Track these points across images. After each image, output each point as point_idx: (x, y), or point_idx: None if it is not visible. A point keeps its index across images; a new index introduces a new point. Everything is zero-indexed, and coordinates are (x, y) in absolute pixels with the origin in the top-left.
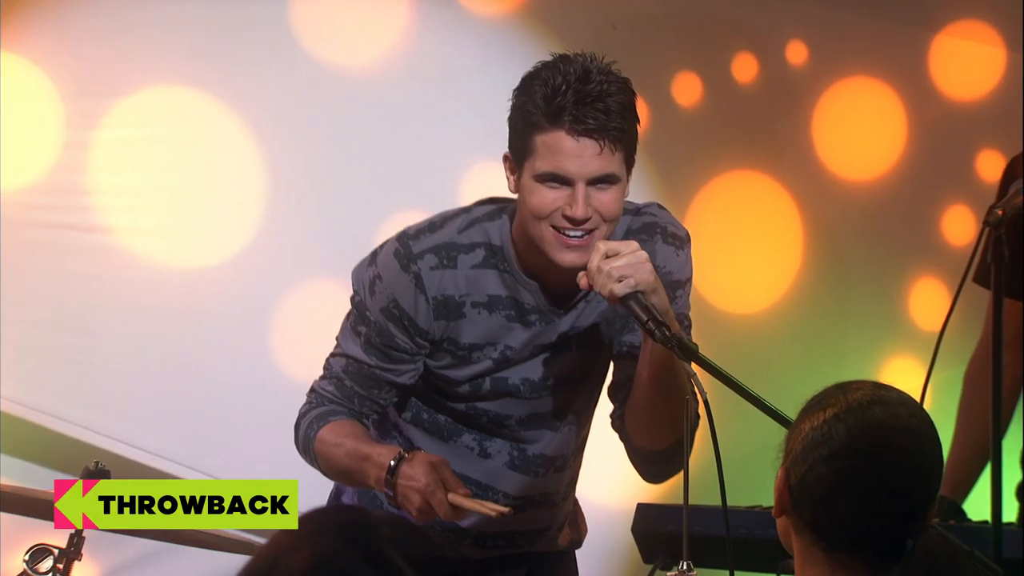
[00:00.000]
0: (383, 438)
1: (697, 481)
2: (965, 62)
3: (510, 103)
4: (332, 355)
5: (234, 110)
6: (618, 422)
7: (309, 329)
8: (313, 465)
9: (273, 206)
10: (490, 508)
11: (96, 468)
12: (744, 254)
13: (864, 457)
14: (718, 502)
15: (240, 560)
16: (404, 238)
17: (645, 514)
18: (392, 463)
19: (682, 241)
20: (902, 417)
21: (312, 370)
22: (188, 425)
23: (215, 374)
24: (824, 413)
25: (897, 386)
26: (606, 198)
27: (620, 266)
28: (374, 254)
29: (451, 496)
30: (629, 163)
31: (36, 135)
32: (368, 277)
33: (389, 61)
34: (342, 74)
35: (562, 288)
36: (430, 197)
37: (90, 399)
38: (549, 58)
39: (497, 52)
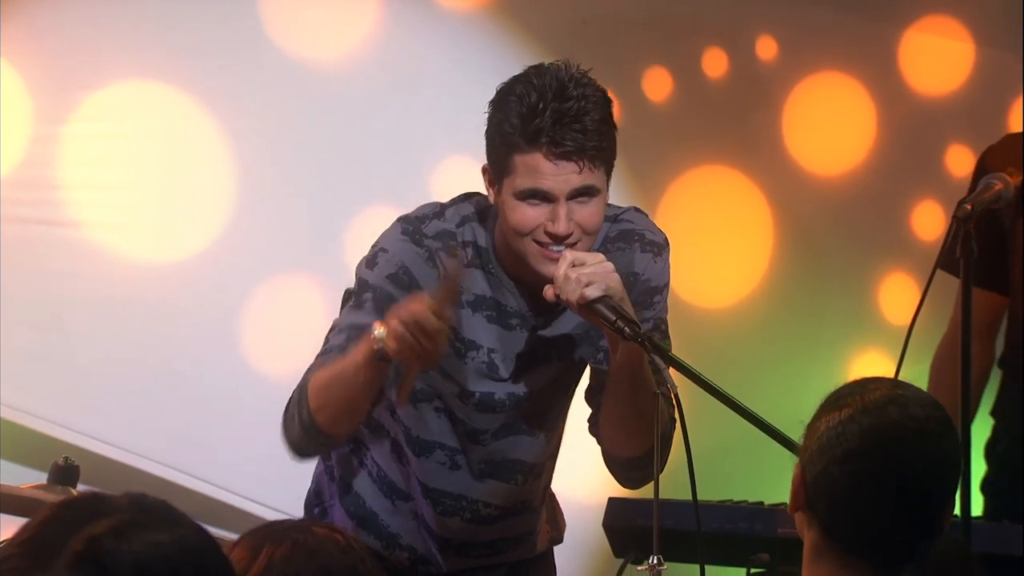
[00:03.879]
0: (351, 468)
1: (668, 476)
2: (934, 57)
3: (486, 115)
4: (330, 333)
5: (204, 104)
6: (594, 428)
7: (279, 323)
8: (307, 426)
9: (243, 200)
10: (454, 258)
11: (66, 463)
12: (715, 249)
13: (878, 460)
14: (689, 496)
15: None
16: (411, 220)
17: (616, 508)
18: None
19: (660, 247)
20: (918, 418)
21: (282, 363)
22: (158, 420)
23: (184, 368)
24: (840, 412)
25: None
26: (587, 212)
27: (588, 272)
28: (372, 246)
29: (428, 296)
30: (609, 174)
31: (4, 129)
32: (368, 256)
33: (360, 55)
34: (312, 68)
35: (541, 298)
36: (401, 192)
37: (59, 394)
38: (521, 70)
39: (468, 46)
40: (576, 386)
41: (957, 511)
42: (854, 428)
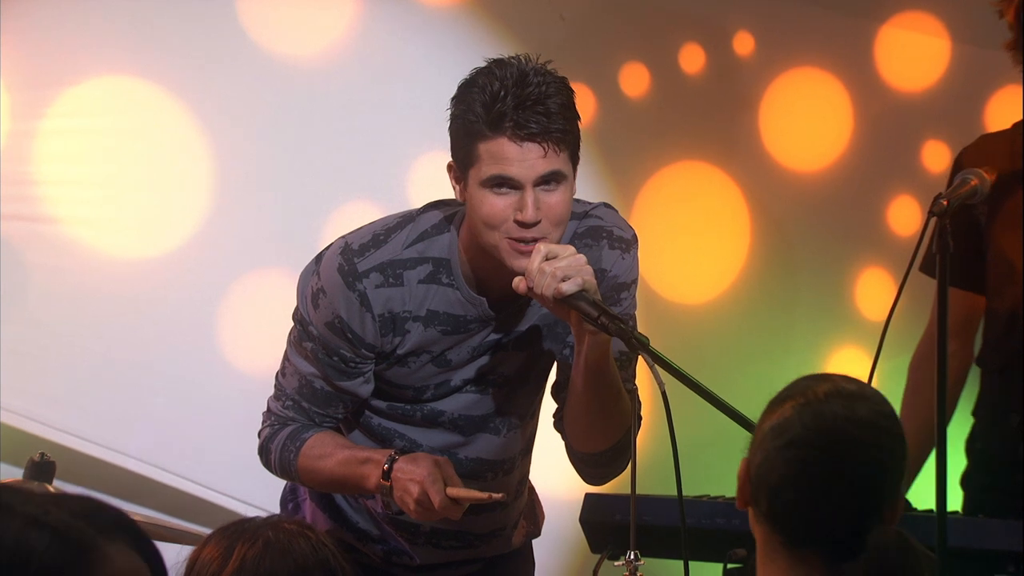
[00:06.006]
0: None
1: (644, 471)
2: (910, 53)
3: (449, 112)
4: (282, 374)
5: (181, 100)
6: (559, 424)
7: (256, 319)
8: (293, 480)
9: (220, 196)
10: (485, 495)
11: (41, 459)
12: (692, 244)
13: (816, 448)
14: (665, 492)
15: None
16: (348, 253)
17: (593, 504)
18: (393, 455)
19: (628, 244)
20: (859, 411)
21: (258, 360)
22: (134, 415)
23: (161, 364)
24: (783, 405)
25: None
26: (554, 200)
27: (563, 266)
28: (317, 260)
29: (449, 489)
30: (574, 161)
31: None
32: (311, 290)
33: (337, 52)
34: (290, 64)
35: (510, 296)
36: (378, 187)
37: (35, 389)
38: (484, 64)
39: (446, 43)
40: (545, 382)
41: (933, 506)
42: (794, 418)
